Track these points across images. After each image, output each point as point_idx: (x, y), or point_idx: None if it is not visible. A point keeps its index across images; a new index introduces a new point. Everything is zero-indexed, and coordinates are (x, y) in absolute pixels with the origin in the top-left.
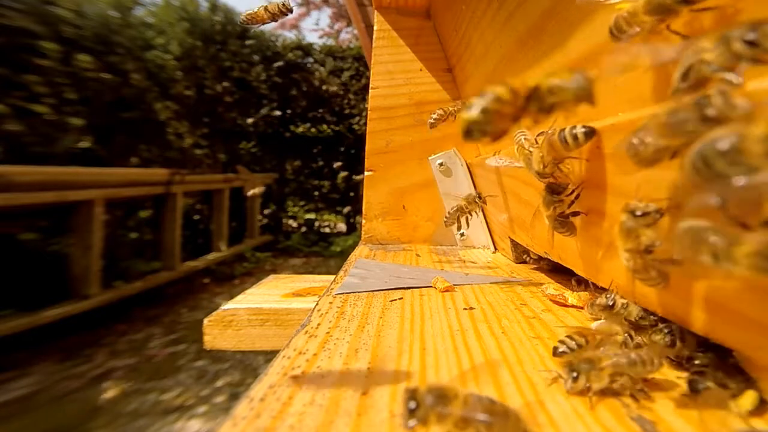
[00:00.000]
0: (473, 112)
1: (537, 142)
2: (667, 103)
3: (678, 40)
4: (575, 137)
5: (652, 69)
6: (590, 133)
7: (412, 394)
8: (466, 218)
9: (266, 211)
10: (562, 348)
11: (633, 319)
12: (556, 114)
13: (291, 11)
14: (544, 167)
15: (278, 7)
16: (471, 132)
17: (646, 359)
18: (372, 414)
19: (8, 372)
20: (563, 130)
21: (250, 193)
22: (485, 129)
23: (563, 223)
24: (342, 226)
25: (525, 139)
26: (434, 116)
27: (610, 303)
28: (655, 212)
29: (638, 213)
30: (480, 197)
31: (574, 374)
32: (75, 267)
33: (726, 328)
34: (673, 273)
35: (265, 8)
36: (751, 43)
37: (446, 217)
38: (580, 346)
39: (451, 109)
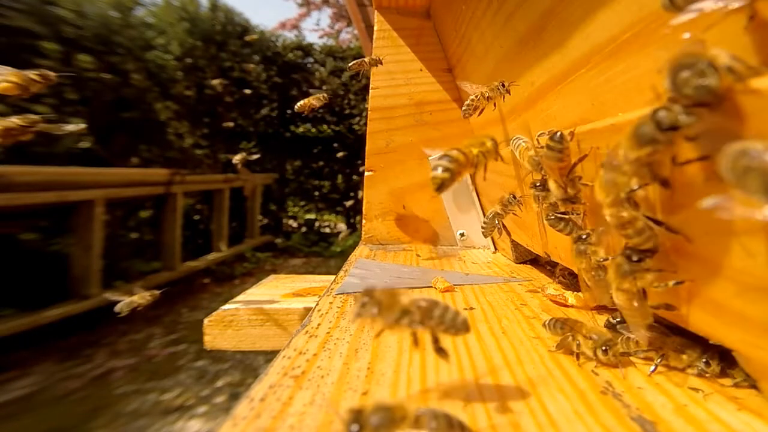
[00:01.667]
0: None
1: (538, 142)
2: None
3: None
4: (559, 139)
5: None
6: (558, 134)
7: (355, 416)
8: (503, 223)
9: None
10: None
11: (594, 262)
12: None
13: (329, 101)
14: (565, 190)
15: (320, 99)
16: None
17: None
18: None
19: (8, 372)
20: (543, 146)
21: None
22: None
23: (560, 219)
24: (342, 226)
25: (524, 142)
26: (467, 104)
27: (584, 236)
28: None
29: (614, 163)
30: (515, 197)
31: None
32: (75, 267)
33: (726, 328)
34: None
35: (313, 99)
36: (672, 83)
37: (483, 226)
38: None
39: (487, 93)
